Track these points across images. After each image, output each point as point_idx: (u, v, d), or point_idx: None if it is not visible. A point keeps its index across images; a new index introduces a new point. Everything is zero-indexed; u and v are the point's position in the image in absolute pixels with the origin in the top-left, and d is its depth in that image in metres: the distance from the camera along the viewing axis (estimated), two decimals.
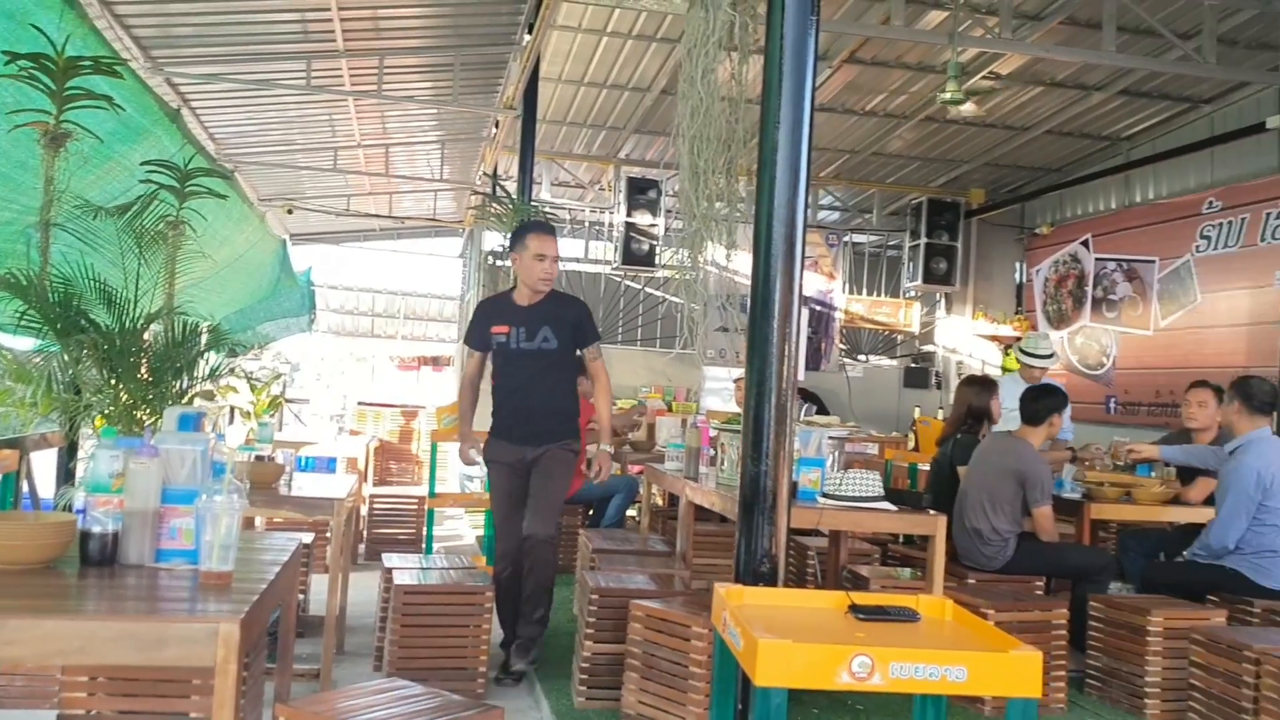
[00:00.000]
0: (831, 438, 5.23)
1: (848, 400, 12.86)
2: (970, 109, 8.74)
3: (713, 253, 4.40)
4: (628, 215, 12.15)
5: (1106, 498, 5.67)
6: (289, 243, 12.75)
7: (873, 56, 9.48)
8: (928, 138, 11.59)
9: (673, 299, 12.55)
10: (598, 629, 4.28)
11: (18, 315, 3.44)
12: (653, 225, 12.18)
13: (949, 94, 7.96)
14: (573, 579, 6.31)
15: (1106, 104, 10.23)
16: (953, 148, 11.89)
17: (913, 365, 13.79)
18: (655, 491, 7.18)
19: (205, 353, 3.91)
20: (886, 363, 13.90)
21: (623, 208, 12.21)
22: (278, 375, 11.88)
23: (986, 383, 6.22)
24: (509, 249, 5.03)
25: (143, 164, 4.45)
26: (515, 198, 9.18)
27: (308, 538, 5.46)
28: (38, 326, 3.47)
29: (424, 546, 7.20)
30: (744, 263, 3.90)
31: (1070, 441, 6.57)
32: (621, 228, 12.20)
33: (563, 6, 8.14)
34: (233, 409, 9.04)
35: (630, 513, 7.63)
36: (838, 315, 13.49)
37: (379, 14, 8.71)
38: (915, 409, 10.69)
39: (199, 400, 4.25)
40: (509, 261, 5.69)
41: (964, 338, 13.60)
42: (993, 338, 13.19)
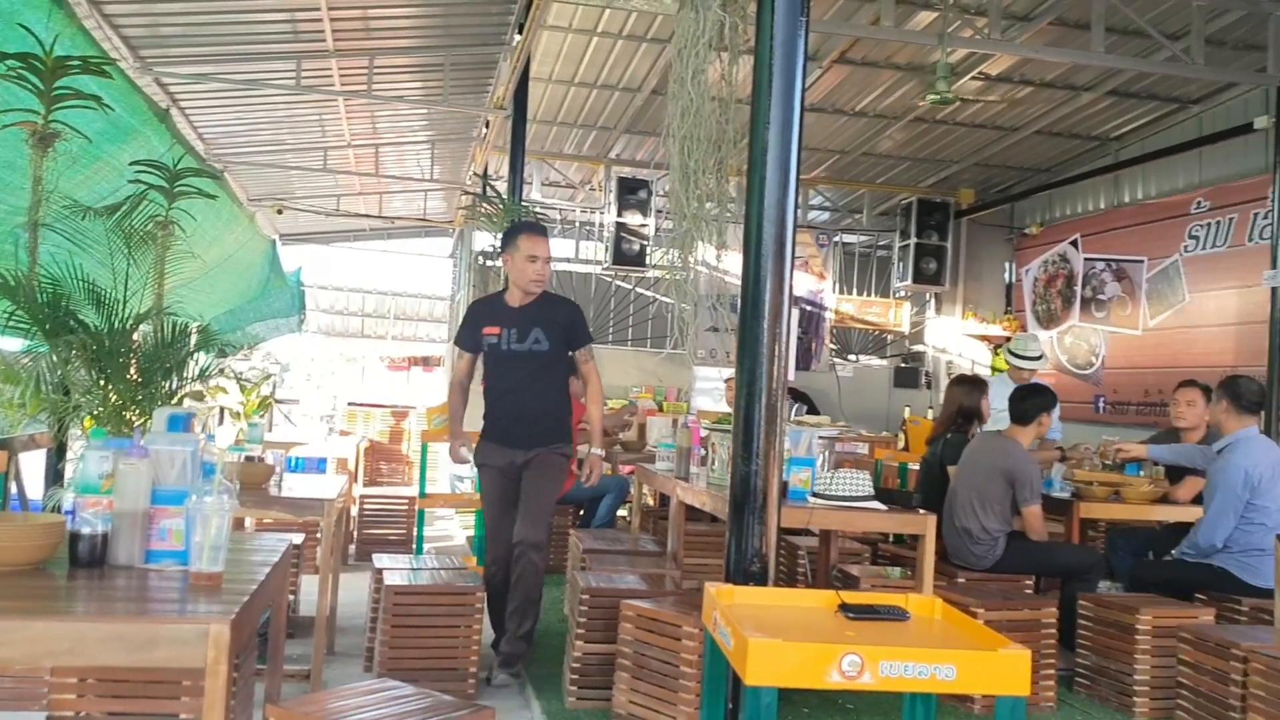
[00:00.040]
0: (822, 437, 5.26)
1: (838, 400, 12.88)
2: (966, 108, 8.74)
3: (703, 253, 4.41)
4: (618, 215, 12.14)
5: (1095, 497, 5.69)
6: (279, 243, 12.74)
7: (863, 57, 9.49)
8: (917, 138, 11.62)
9: (663, 299, 12.54)
10: (589, 629, 4.28)
11: (6, 315, 3.42)
12: (643, 225, 12.18)
13: (938, 94, 7.97)
14: (564, 579, 6.31)
15: (1095, 104, 10.27)
16: (942, 148, 11.91)
17: (903, 365, 13.82)
18: (646, 491, 7.19)
19: (195, 353, 3.90)
20: (876, 362, 13.92)
21: (613, 208, 12.20)
22: (267, 376, 11.84)
23: (977, 382, 6.24)
24: (500, 250, 5.00)
25: (131, 164, 4.45)
26: (506, 198, 9.19)
27: (298, 538, 5.42)
28: (26, 327, 3.45)
29: (414, 547, 7.19)
30: (734, 263, 3.90)
31: (1059, 441, 6.59)
32: (612, 228, 12.19)
33: (553, 6, 8.14)
34: (222, 409, 9.02)
35: (621, 513, 7.63)
36: (828, 315, 13.52)
37: (369, 14, 8.70)
38: (905, 409, 10.71)
39: (188, 401, 4.24)
40: (499, 262, 5.67)
41: (954, 337, 13.63)
42: (982, 337, 13.23)
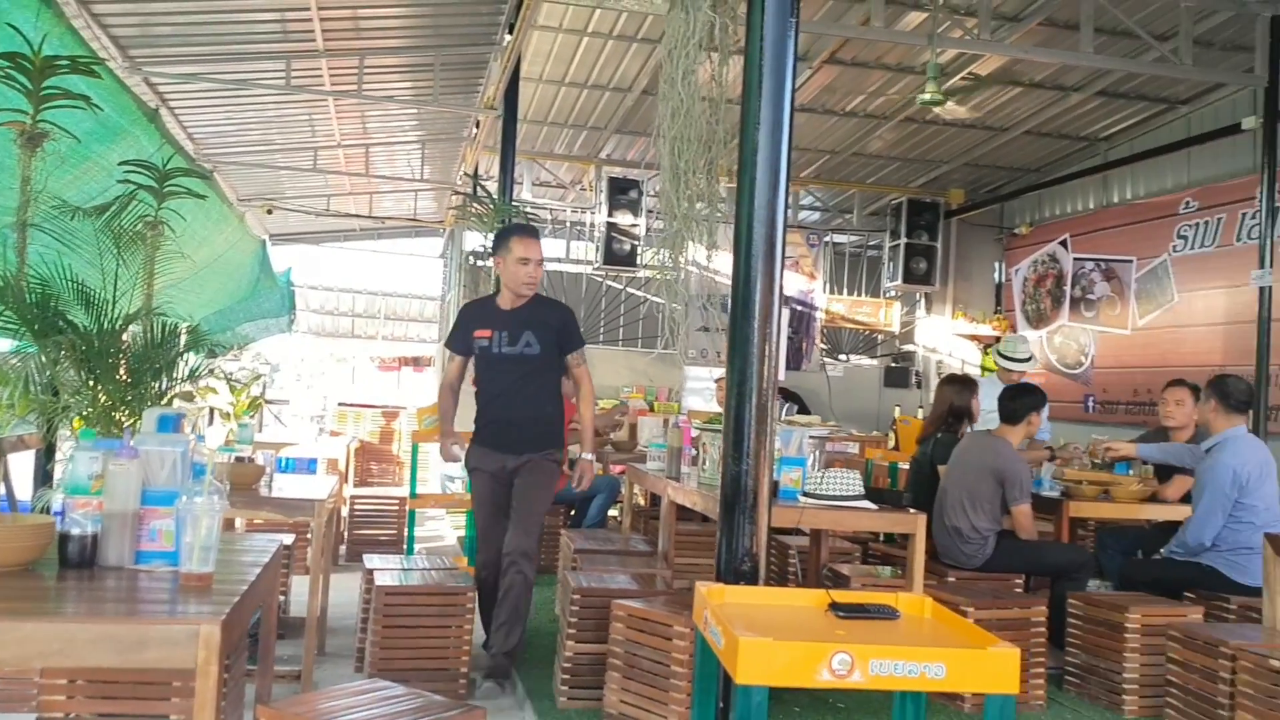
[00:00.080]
0: (812, 437, 5.26)
1: (828, 400, 12.90)
2: (956, 108, 8.77)
3: (694, 253, 4.41)
4: (609, 215, 12.14)
5: (1085, 496, 5.71)
6: (268, 243, 12.68)
7: (853, 57, 9.51)
8: (907, 138, 11.64)
9: (654, 299, 12.55)
10: (580, 629, 4.28)
11: None
12: (634, 225, 12.18)
13: (928, 94, 8.00)
14: (555, 579, 6.31)
15: (1084, 105, 10.30)
16: (932, 148, 11.94)
17: (893, 365, 13.85)
18: (637, 491, 7.19)
19: (184, 354, 3.89)
20: (867, 362, 13.95)
21: (604, 208, 12.20)
22: (257, 376, 11.82)
23: (967, 381, 6.26)
24: (492, 252, 4.95)
25: (121, 164, 4.43)
26: (496, 198, 9.17)
27: (288, 539, 5.43)
28: (15, 327, 3.44)
29: (405, 547, 7.18)
30: (725, 263, 3.91)
31: (1047, 442, 6.60)
32: (603, 228, 12.19)
33: (543, 6, 8.13)
34: (212, 410, 9.01)
35: (612, 513, 7.63)
36: (818, 315, 13.54)
37: (359, 14, 8.69)
38: (895, 408, 10.72)
39: (178, 401, 4.23)
40: (490, 262, 5.66)
41: (944, 337, 13.67)
42: (972, 337, 13.26)
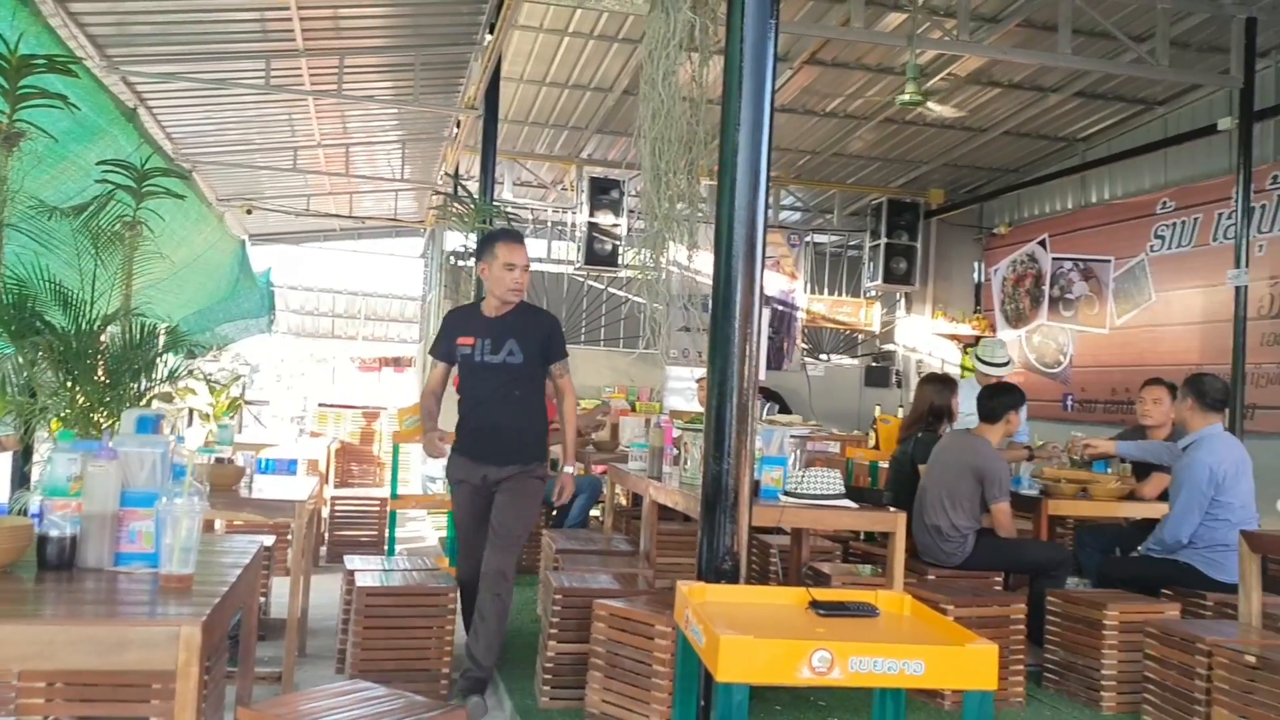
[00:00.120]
0: (793, 436, 5.27)
1: (809, 399, 12.94)
2: (941, 108, 8.81)
3: (675, 253, 4.42)
4: (590, 215, 12.15)
5: (1064, 494, 5.74)
6: (248, 243, 12.63)
7: (833, 58, 9.54)
8: (887, 139, 11.69)
9: (636, 299, 12.56)
10: (561, 629, 4.29)
11: None
12: (615, 225, 12.18)
13: (908, 95, 8.03)
14: (536, 579, 6.31)
15: (1063, 105, 10.37)
16: (912, 149, 11.99)
17: (873, 364, 13.90)
18: (619, 491, 7.19)
19: (163, 354, 3.88)
20: (848, 362, 14.00)
21: (585, 208, 12.21)
22: (237, 377, 11.78)
23: (947, 381, 6.29)
24: (476, 259, 4.84)
25: (99, 164, 4.41)
26: (477, 198, 9.16)
27: (269, 540, 5.39)
28: None
29: (386, 548, 7.16)
30: (706, 263, 3.91)
31: (1026, 443, 6.62)
32: (584, 228, 12.19)
33: (524, 6, 8.13)
34: (191, 411, 8.97)
35: (594, 513, 7.63)
36: (799, 315, 13.58)
37: (339, 13, 8.66)
38: (876, 407, 10.76)
39: (157, 402, 4.22)
40: (470, 262, 5.63)
41: (924, 337, 13.73)
42: (952, 336, 13.33)
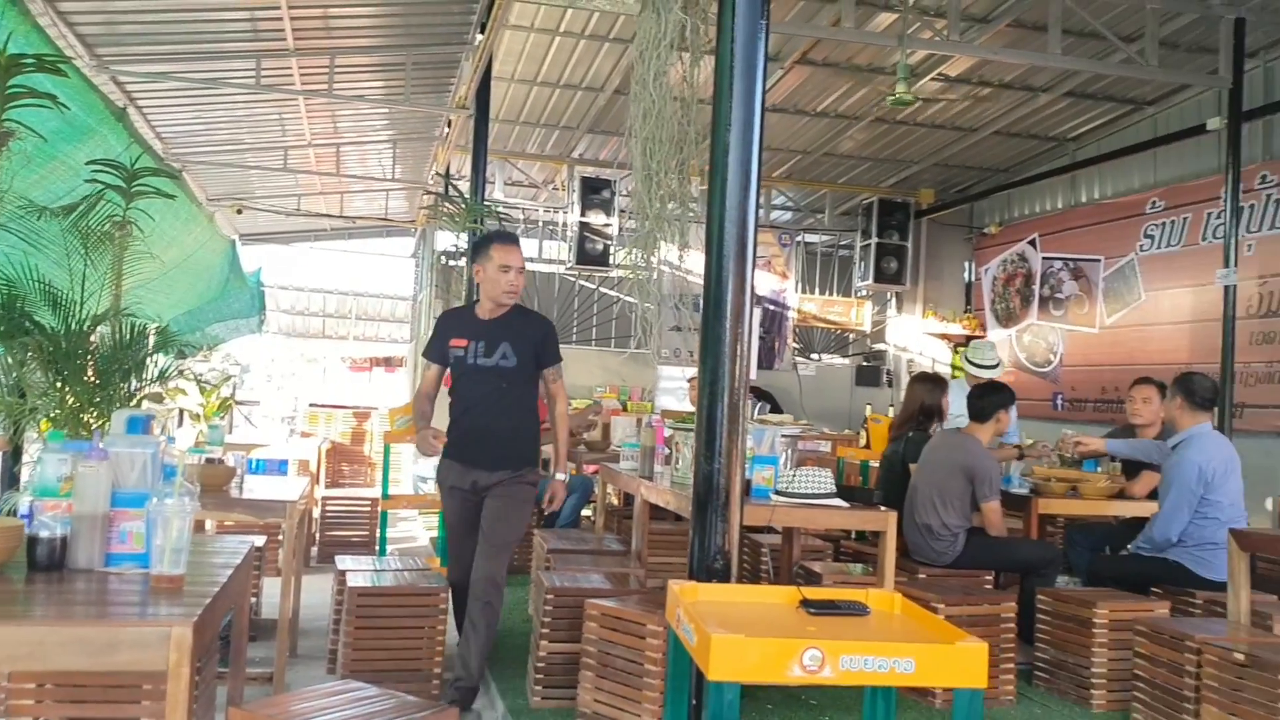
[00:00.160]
0: (784, 435, 5.29)
1: (800, 398, 12.95)
2: (935, 107, 8.82)
3: (666, 253, 4.42)
4: (582, 215, 12.13)
5: (1054, 493, 5.76)
6: (238, 243, 12.61)
7: (824, 58, 9.56)
8: (878, 138, 11.71)
9: (627, 299, 12.56)
10: (553, 628, 4.29)
11: None
12: (607, 225, 12.18)
13: (899, 94, 8.05)
14: (528, 579, 6.31)
15: (1053, 105, 10.40)
16: (903, 148, 12.01)
17: (864, 364, 13.92)
18: (610, 491, 7.20)
19: (153, 355, 3.87)
20: (839, 361, 14.02)
21: (577, 207, 12.20)
22: (227, 377, 11.77)
23: (938, 380, 6.31)
24: (471, 260, 4.84)
25: (88, 163, 4.40)
26: (468, 197, 9.15)
27: (260, 541, 5.41)
28: None
29: (377, 549, 7.16)
30: (697, 263, 3.92)
31: (1016, 442, 6.64)
32: (575, 227, 12.18)
33: (515, 6, 8.11)
34: (182, 411, 8.95)
35: (585, 512, 7.63)
36: (790, 314, 13.60)
37: (329, 12, 8.64)
38: (867, 407, 10.78)
39: (147, 403, 4.20)
40: (462, 262, 5.62)
41: (914, 336, 13.76)
42: (943, 336, 13.37)
